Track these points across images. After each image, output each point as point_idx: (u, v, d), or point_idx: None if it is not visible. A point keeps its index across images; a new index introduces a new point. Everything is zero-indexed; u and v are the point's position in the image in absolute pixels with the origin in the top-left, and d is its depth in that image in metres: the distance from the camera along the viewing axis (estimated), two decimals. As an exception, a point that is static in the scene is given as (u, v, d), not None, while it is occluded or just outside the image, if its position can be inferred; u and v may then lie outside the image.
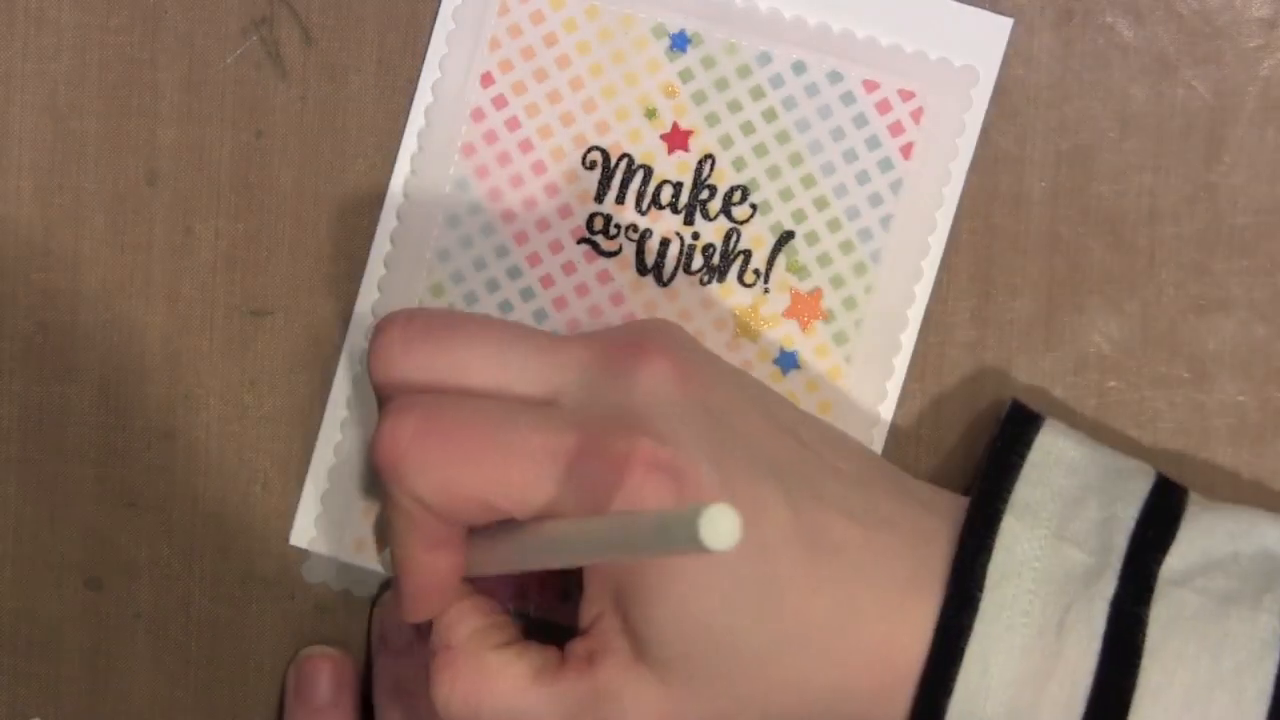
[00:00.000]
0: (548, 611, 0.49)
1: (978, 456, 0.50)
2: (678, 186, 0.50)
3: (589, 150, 0.50)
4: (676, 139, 0.50)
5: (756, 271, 0.50)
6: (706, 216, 0.50)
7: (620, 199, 0.50)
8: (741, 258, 0.50)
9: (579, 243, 0.50)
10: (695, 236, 0.50)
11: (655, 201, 0.50)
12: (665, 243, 0.50)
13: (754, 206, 0.50)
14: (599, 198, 0.50)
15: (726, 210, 0.50)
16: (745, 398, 0.45)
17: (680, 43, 0.50)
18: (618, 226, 0.50)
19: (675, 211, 0.50)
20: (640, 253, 0.50)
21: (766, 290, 0.50)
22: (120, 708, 0.51)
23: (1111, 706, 0.42)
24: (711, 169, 0.50)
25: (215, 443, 0.51)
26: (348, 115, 0.50)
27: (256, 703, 0.51)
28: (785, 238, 0.50)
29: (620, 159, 0.50)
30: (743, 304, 0.50)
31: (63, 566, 0.51)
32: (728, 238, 0.50)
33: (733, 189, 0.50)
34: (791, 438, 0.45)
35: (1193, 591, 0.44)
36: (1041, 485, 0.45)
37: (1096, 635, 0.43)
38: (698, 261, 0.50)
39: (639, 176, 0.50)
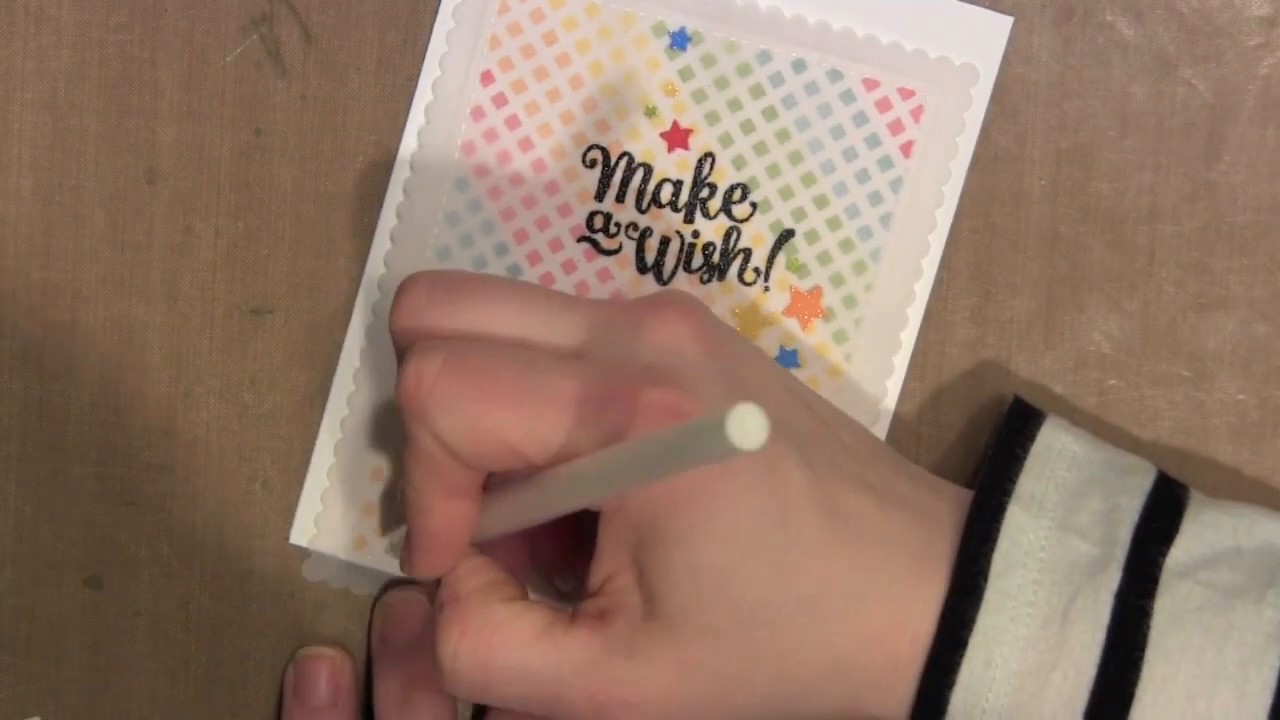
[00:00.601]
0: (548, 591, 0.49)
1: (978, 454, 0.50)
2: (678, 185, 0.50)
3: (589, 148, 0.50)
4: (676, 137, 0.50)
5: (756, 270, 0.50)
6: (706, 215, 0.50)
7: (620, 197, 0.50)
8: (741, 256, 0.50)
9: (579, 241, 0.50)
10: (695, 235, 0.50)
11: (655, 200, 0.50)
12: (665, 241, 0.50)
13: (754, 205, 0.50)
14: (599, 196, 0.50)
15: (726, 208, 0.50)
16: (764, 368, 0.45)
17: (680, 41, 0.50)
18: (618, 225, 0.50)
19: (675, 210, 0.50)
20: (640, 251, 0.50)
21: (766, 288, 0.50)
22: (120, 706, 0.51)
23: (1115, 698, 0.42)
24: (711, 167, 0.50)
25: (215, 442, 0.51)
26: (348, 114, 0.50)
27: (256, 701, 0.51)
28: (785, 236, 0.50)
29: (620, 157, 0.50)
30: (743, 302, 0.50)
31: (63, 565, 0.51)
32: (728, 236, 0.50)
33: (733, 187, 0.50)
34: (808, 410, 0.45)
35: (1197, 584, 0.43)
36: (1045, 478, 0.45)
37: (1101, 626, 0.43)
38: (698, 260, 0.50)
39: (639, 175, 0.50)
